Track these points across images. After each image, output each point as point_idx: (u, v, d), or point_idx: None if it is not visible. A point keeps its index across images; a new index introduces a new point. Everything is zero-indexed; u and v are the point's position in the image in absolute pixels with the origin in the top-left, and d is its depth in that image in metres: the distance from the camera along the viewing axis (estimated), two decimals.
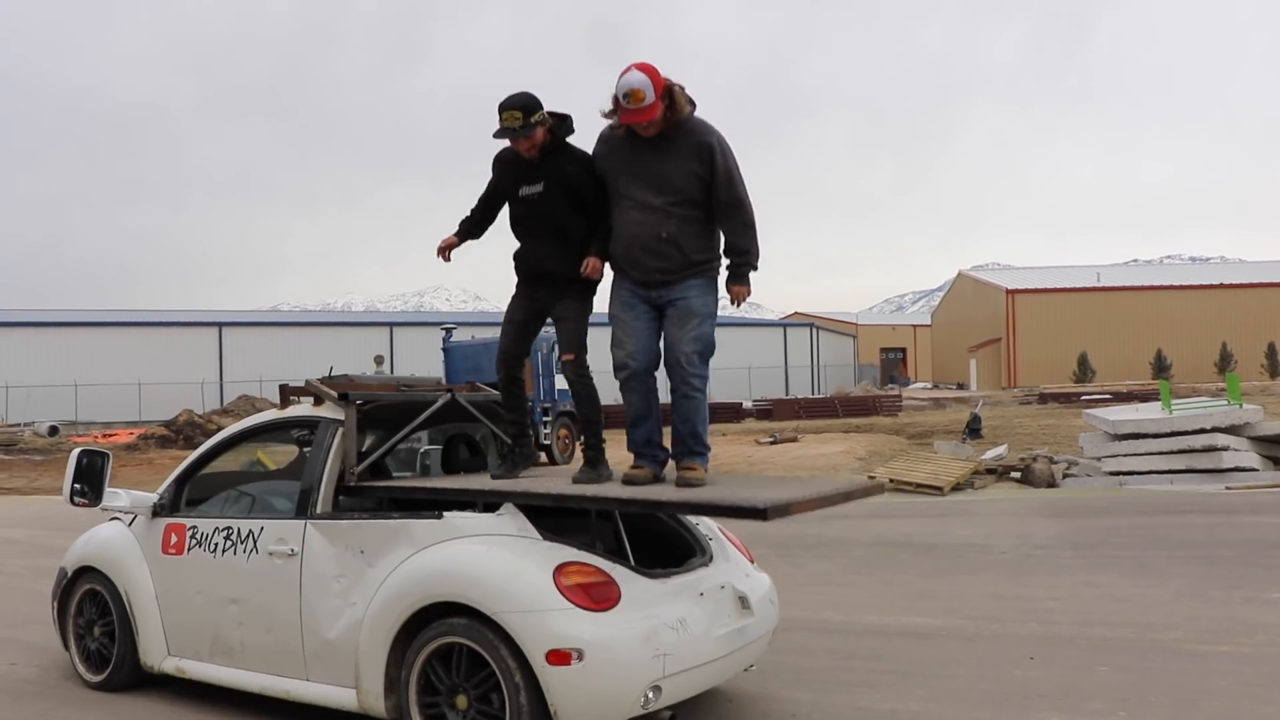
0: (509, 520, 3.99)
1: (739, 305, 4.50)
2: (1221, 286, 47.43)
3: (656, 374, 4.56)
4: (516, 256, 4.71)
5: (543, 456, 18.23)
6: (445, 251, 4.82)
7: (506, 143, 4.53)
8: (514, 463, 4.63)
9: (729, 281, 4.48)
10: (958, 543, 9.09)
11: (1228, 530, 9.08)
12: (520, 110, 4.34)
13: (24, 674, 5.49)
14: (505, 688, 3.63)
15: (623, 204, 4.43)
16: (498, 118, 4.38)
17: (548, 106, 4.46)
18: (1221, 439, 12.45)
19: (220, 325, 43.12)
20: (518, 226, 4.67)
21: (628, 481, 4.32)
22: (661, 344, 4.53)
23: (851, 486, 4.27)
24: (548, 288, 4.63)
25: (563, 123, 4.52)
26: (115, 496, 5.07)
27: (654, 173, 4.33)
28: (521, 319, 4.75)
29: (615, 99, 4.24)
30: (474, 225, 4.81)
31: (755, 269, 4.44)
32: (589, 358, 4.66)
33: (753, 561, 4.64)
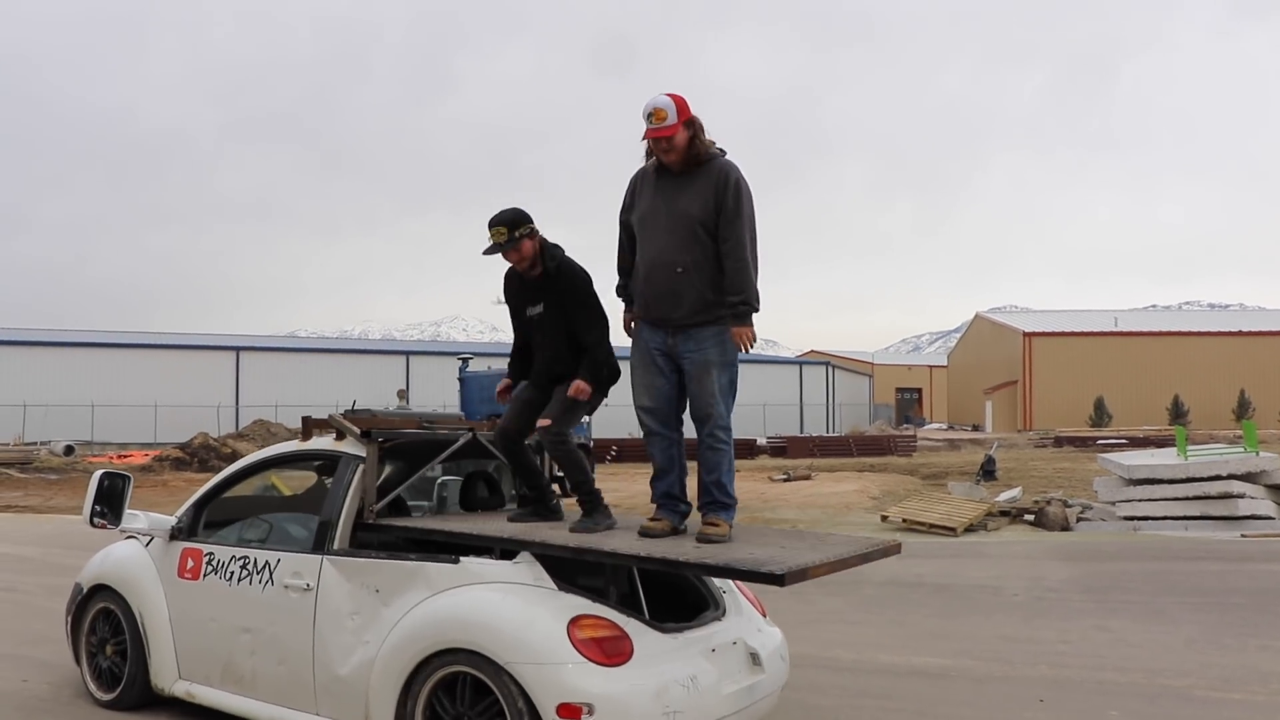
0: (525, 569, 3.99)
1: (746, 350, 4.42)
2: (1240, 334, 47.22)
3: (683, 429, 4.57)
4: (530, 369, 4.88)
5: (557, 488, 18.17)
6: (503, 394, 5.03)
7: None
8: (535, 513, 4.66)
9: (729, 323, 4.40)
10: (970, 584, 9.03)
11: (1242, 578, 9.00)
12: (505, 225, 4.52)
13: (36, 691, 5.53)
14: None
15: (645, 235, 4.50)
16: (487, 234, 4.56)
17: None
18: (1237, 486, 12.37)
19: (238, 349, 43.44)
20: (530, 337, 4.86)
21: (644, 534, 4.28)
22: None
23: (869, 548, 4.21)
24: (558, 382, 4.73)
25: (557, 249, 4.70)
26: (133, 518, 5.10)
27: (675, 204, 4.40)
28: (528, 398, 4.82)
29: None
30: (522, 362, 4.96)
31: (755, 310, 4.39)
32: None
33: (765, 615, 4.60)
